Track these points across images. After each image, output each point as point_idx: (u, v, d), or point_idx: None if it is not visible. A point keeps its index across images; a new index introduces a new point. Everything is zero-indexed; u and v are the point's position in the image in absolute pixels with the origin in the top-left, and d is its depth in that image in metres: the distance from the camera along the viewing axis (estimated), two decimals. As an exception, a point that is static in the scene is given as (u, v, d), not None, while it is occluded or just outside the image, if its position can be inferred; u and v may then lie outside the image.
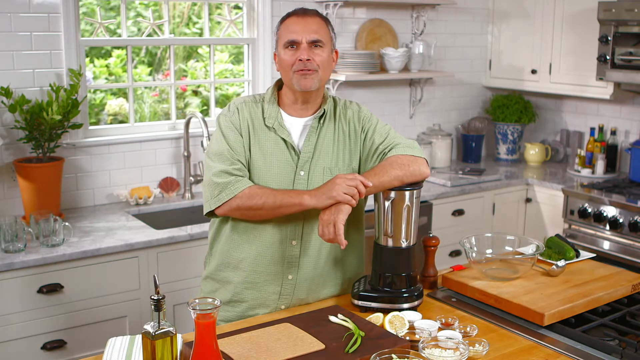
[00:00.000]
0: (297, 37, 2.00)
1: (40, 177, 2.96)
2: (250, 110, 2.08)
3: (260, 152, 2.04)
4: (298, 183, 2.04)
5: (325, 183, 1.95)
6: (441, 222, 3.78)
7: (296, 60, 2.00)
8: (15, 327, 2.61)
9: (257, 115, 2.07)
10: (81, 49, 3.22)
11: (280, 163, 2.04)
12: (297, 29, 2.00)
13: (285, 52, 2.02)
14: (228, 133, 2.04)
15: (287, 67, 2.01)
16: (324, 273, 2.11)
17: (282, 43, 2.02)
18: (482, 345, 1.74)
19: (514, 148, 4.60)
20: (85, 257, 2.71)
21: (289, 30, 2.01)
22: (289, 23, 2.03)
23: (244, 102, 2.10)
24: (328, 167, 2.07)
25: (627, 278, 2.17)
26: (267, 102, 2.09)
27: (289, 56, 2.01)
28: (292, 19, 2.03)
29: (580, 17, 4.02)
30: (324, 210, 1.91)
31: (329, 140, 2.09)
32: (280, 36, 2.04)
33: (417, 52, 4.06)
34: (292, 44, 2.00)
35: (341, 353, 1.67)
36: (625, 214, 3.54)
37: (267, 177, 2.03)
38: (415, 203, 2.00)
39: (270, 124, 2.06)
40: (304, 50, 2.00)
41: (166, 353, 1.51)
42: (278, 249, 2.04)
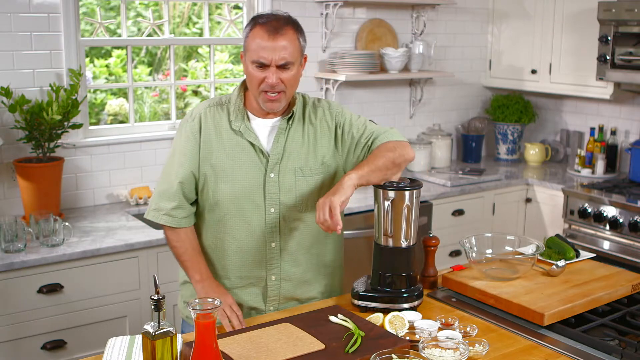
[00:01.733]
0: (266, 60, 1.93)
1: (40, 177, 2.96)
2: (215, 115, 2.05)
3: (227, 156, 2.02)
4: (269, 185, 2.02)
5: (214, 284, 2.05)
6: (441, 222, 3.78)
7: (264, 80, 1.95)
8: (15, 327, 2.61)
9: (222, 119, 2.05)
10: (81, 49, 3.22)
11: (248, 167, 2.02)
12: (267, 50, 1.92)
13: (252, 67, 1.96)
14: (185, 143, 2.05)
15: (255, 84, 1.97)
16: (306, 270, 2.12)
17: (250, 59, 1.95)
18: (482, 345, 1.74)
19: (514, 148, 4.60)
20: (85, 257, 2.71)
21: (258, 48, 1.93)
22: (259, 40, 1.94)
23: (209, 106, 2.07)
24: (299, 167, 2.05)
25: (627, 278, 2.17)
26: (233, 105, 2.05)
27: (256, 73, 1.96)
28: (263, 35, 1.94)
29: (580, 17, 4.02)
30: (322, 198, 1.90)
31: (298, 141, 2.07)
32: (248, 49, 1.97)
33: (417, 52, 4.06)
34: (260, 64, 1.94)
35: (341, 353, 1.67)
36: (625, 214, 3.54)
37: (236, 182, 2.01)
38: (415, 203, 2.00)
39: (236, 128, 2.03)
40: (272, 73, 1.94)
41: (166, 353, 1.51)
42: (258, 252, 2.05)
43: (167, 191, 2.05)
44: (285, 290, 2.10)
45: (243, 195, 2.02)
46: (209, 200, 2.05)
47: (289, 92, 2.00)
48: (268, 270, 2.07)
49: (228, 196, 2.02)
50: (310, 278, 2.14)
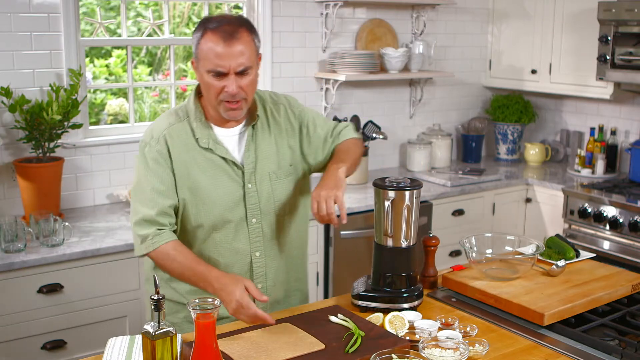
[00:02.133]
0: (224, 69, 1.84)
1: (40, 177, 2.96)
2: (179, 133, 1.94)
3: (202, 173, 1.95)
4: (249, 196, 2.00)
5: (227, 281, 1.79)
6: (441, 222, 3.78)
7: (223, 90, 1.86)
8: (15, 327, 2.61)
9: (187, 136, 1.95)
10: (81, 49, 3.22)
11: (226, 181, 1.96)
12: (224, 58, 1.83)
13: (209, 77, 1.86)
14: (155, 167, 1.92)
15: (213, 94, 1.88)
16: (289, 273, 2.14)
17: (206, 68, 1.85)
18: (482, 345, 1.74)
19: (514, 148, 4.60)
20: (85, 257, 2.71)
21: (213, 56, 1.83)
22: (214, 47, 1.83)
23: (170, 125, 1.95)
24: (272, 171, 2.02)
25: (627, 278, 2.17)
26: (195, 120, 1.95)
27: (214, 83, 1.86)
28: (217, 42, 1.83)
29: (580, 17, 4.02)
30: (317, 188, 1.89)
31: (267, 144, 2.03)
32: (201, 57, 1.86)
33: (417, 52, 4.06)
34: (217, 73, 1.85)
35: (341, 353, 1.67)
36: (625, 214, 3.54)
37: (217, 200, 1.96)
38: (415, 203, 2.00)
39: (205, 145, 1.94)
40: (231, 82, 1.85)
41: (166, 353, 1.51)
42: (244, 264, 2.03)
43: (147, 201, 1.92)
44: (272, 296, 2.09)
45: (225, 212, 1.97)
46: (191, 224, 1.98)
47: (249, 98, 1.92)
48: (255, 279, 2.05)
49: (211, 217, 1.96)
50: (293, 280, 2.16)
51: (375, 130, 3.91)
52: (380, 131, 3.92)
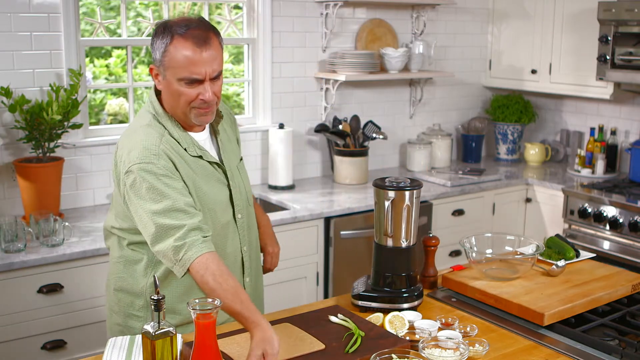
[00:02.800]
0: (200, 76, 1.79)
1: (40, 177, 2.96)
2: (172, 146, 1.86)
3: (201, 181, 1.92)
4: (235, 194, 2.01)
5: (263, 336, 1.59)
6: (441, 222, 3.77)
7: (197, 97, 1.81)
8: (15, 327, 2.61)
9: (177, 148, 1.88)
10: (81, 49, 3.22)
11: (217, 185, 1.96)
12: (198, 64, 1.77)
13: (180, 85, 1.80)
14: (170, 182, 1.79)
15: (184, 102, 1.82)
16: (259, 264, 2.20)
17: (177, 77, 1.79)
18: (482, 345, 1.74)
19: (514, 148, 4.60)
20: (85, 257, 2.71)
21: (188, 64, 1.76)
22: (187, 54, 1.77)
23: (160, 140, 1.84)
24: (237, 164, 2.07)
25: (627, 278, 2.17)
26: (173, 129, 1.89)
27: (187, 91, 1.80)
28: (190, 48, 1.77)
29: (580, 17, 4.02)
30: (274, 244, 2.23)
31: (227, 139, 2.07)
32: (172, 65, 1.78)
33: (417, 52, 4.06)
34: (192, 81, 1.79)
35: (341, 353, 1.67)
36: (625, 214, 3.54)
37: (216, 202, 1.95)
38: (415, 203, 2.00)
39: (194, 153, 1.90)
40: (206, 90, 1.81)
41: (166, 353, 1.51)
42: (237, 260, 2.05)
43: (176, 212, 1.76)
44: (254, 289, 2.13)
45: (222, 214, 1.98)
46: None
47: (219, 101, 1.90)
48: (245, 274, 2.08)
49: (214, 222, 1.97)
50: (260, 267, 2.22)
51: (375, 130, 3.91)
52: (380, 131, 3.92)
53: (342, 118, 3.93)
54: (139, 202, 1.79)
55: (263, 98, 3.77)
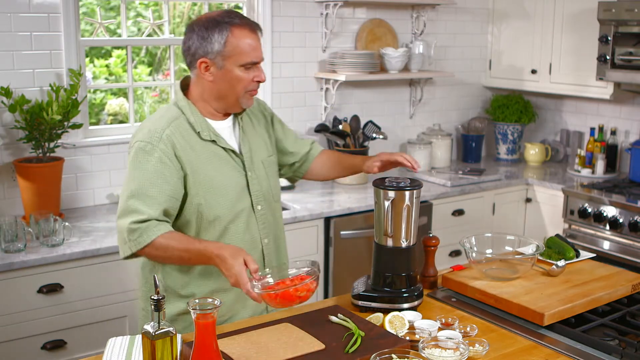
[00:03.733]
0: (258, 59, 1.95)
1: (40, 177, 2.96)
2: (181, 130, 1.95)
3: (209, 165, 1.97)
4: (252, 184, 2.05)
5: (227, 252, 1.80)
6: (441, 222, 3.78)
7: (252, 81, 1.96)
8: (15, 327, 2.61)
9: (188, 132, 1.96)
10: (81, 49, 3.22)
11: (230, 171, 2.01)
12: (257, 49, 1.93)
13: (241, 70, 1.93)
14: (160, 167, 1.89)
15: (243, 86, 1.95)
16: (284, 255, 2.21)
17: (240, 63, 1.92)
18: (482, 345, 1.74)
19: (514, 148, 4.60)
20: (85, 257, 2.71)
21: (250, 49, 1.92)
22: (246, 40, 1.92)
23: (168, 125, 1.94)
24: (264, 159, 2.12)
25: (627, 278, 2.17)
26: (191, 115, 1.98)
27: (246, 75, 1.94)
28: (247, 34, 1.92)
29: (580, 17, 4.02)
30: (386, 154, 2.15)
31: (254, 134, 2.12)
32: (234, 53, 1.91)
33: (417, 52, 4.06)
34: (252, 64, 1.94)
35: (341, 353, 1.67)
36: (625, 214, 3.54)
37: (225, 187, 1.99)
38: (415, 203, 2.00)
39: (207, 138, 1.98)
40: (260, 70, 1.97)
41: (166, 353, 1.51)
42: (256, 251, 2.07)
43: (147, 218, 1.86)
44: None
45: (235, 201, 2.01)
46: (208, 219, 1.98)
47: None
48: (265, 266, 2.10)
49: (225, 207, 1.99)
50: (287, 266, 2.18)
51: (375, 130, 3.91)
52: (380, 131, 3.92)
53: (342, 118, 3.93)
54: (127, 175, 1.93)
55: (263, 98, 3.78)
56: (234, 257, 1.79)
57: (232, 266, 1.77)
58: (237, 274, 1.76)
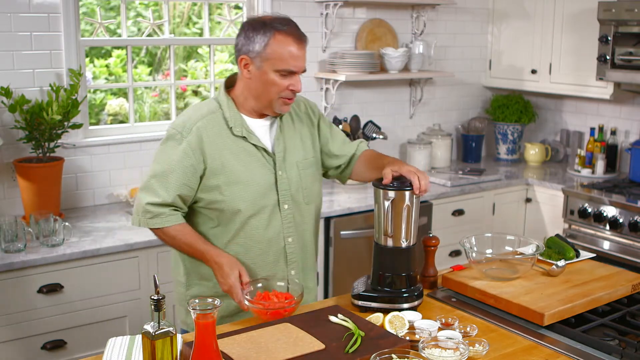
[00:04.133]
0: (297, 69, 1.98)
1: (40, 177, 2.96)
2: (213, 124, 2.02)
3: (235, 159, 2.02)
4: (281, 183, 2.08)
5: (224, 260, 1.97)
6: (441, 222, 3.78)
7: (287, 88, 1.99)
8: (15, 327, 2.61)
9: (221, 127, 2.02)
10: (81, 49, 3.22)
11: (258, 168, 2.04)
12: (298, 59, 1.97)
13: (276, 75, 1.97)
14: (182, 158, 1.98)
15: (276, 91, 1.99)
16: (313, 260, 2.23)
17: (275, 68, 1.96)
18: (482, 345, 1.74)
19: (514, 148, 4.60)
20: (85, 257, 2.71)
21: (288, 57, 1.96)
22: (288, 47, 1.96)
23: (202, 117, 2.02)
24: (299, 161, 2.13)
25: (627, 278, 2.17)
26: (227, 110, 2.04)
27: (281, 81, 1.98)
28: (292, 44, 1.96)
29: (580, 17, 4.02)
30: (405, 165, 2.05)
31: (293, 135, 2.14)
32: (273, 57, 1.96)
33: (417, 52, 4.06)
34: (289, 72, 1.98)
35: (341, 353, 1.67)
36: (625, 214, 3.54)
37: (249, 181, 2.02)
38: (415, 203, 2.00)
39: (238, 133, 2.03)
40: (297, 81, 2.00)
41: (166, 353, 1.51)
42: (279, 250, 2.09)
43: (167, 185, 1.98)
44: (304, 281, 2.17)
45: (259, 196, 2.04)
46: (229, 211, 2.02)
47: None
48: (288, 265, 2.12)
49: (247, 201, 2.02)
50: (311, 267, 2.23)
51: (375, 130, 3.91)
52: (380, 131, 3.92)
53: (342, 118, 3.93)
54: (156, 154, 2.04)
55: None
56: (231, 267, 1.95)
57: (228, 275, 1.94)
58: (232, 285, 1.93)
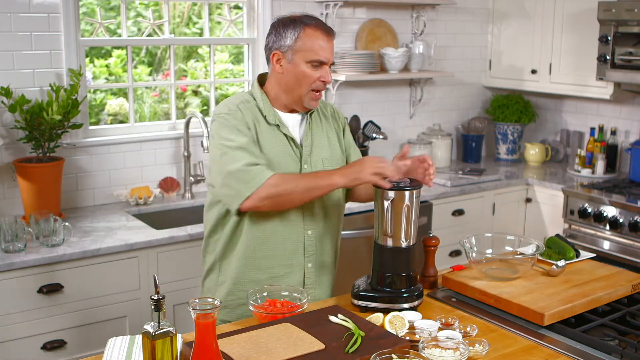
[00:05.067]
0: (326, 59, 2.07)
1: (40, 177, 2.96)
2: (251, 109, 2.10)
3: (268, 144, 2.09)
4: None
5: (352, 163, 2.07)
6: (441, 222, 3.77)
7: (318, 80, 2.07)
8: (15, 327, 2.61)
9: (256, 113, 2.10)
10: (81, 49, 3.22)
11: (285, 158, 2.10)
12: (326, 50, 2.06)
13: (307, 67, 2.06)
14: (242, 128, 2.05)
15: (307, 83, 2.07)
16: (331, 257, 2.24)
17: (307, 59, 2.05)
18: (482, 345, 1.74)
19: (514, 148, 4.60)
20: (85, 257, 2.71)
21: (319, 48, 2.05)
22: (317, 40, 2.05)
23: (241, 102, 2.11)
24: (325, 158, 2.17)
25: (627, 278, 2.17)
26: (261, 101, 2.12)
27: (312, 72, 2.06)
28: (320, 36, 2.06)
29: (580, 17, 4.02)
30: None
31: (320, 134, 2.20)
32: (304, 49, 2.05)
33: (417, 52, 4.06)
34: (319, 63, 2.06)
35: (341, 353, 1.67)
36: (625, 214, 3.54)
37: (277, 168, 2.08)
38: (415, 203, 2.00)
39: (272, 121, 2.10)
40: (327, 72, 2.08)
41: (166, 353, 1.51)
42: (298, 240, 2.13)
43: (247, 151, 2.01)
44: (319, 277, 2.19)
45: None
46: None
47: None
48: (306, 257, 2.15)
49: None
50: (332, 265, 2.25)
51: (375, 130, 3.91)
52: (380, 131, 3.92)
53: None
54: (216, 137, 2.05)
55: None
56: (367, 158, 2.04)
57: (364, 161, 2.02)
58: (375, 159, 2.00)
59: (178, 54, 4.52)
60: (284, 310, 1.90)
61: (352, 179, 2.00)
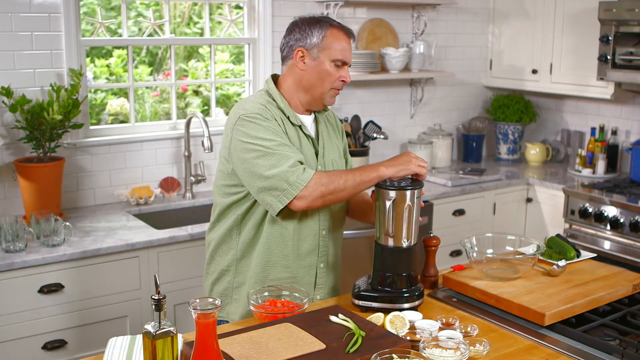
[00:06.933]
0: (347, 60, 2.13)
1: (41, 177, 2.96)
2: (273, 110, 2.11)
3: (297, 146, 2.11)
4: None
5: (396, 157, 2.07)
6: (442, 222, 3.77)
7: (339, 79, 2.12)
8: (16, 327, 2.62)
9: (279, 114, 2.12)
10: (82, 48, 3.22)
11: (308, 157, 2.13)
12: (348, 51, 2.12)
13: (331, 65, 2.10)
14: (276, 128, 2.05)
15: (329, 81, 2.11)
16: (339, 257, 2.28)
17: (332, 58, 2.09)
18: (483, 345, 1.74)
19: (515, 148, 4.60)
20: (86, 257, 2.71)
21: (342, 49, 2.10)
22: (341, 41, 2.10)
23: (267, 102, 2.10)
24: (334, 160, 2.21)
25: (628, 278, 2.17)
26: (280, 102, 2.13)
27: (334, 71, 2.11)
28: (344, 38, 2.11)
29: (581, 17, 4.02)
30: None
31: (329, 137, 2.25)
32: (328, 48, 2.09)
33: (417, 52, 4.06)
34: (342, 63, 2.11)
35: (342, 353, 1.67)
36: (625, 213, 3.54)
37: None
38: (416, 203, 2.00)
39: (295, 122, 2.13)
40: (347, 72, 2.14)
41: (167, 353, 1.51)
42: (313, 240, 2.15)
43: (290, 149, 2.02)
44: (330, 277, 2.22)
45: None
46: None
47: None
48: (319, 257, 2.17)
49: None
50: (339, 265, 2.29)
51: (375, 130, 3.91)
52: (380, 131, 3.92)
53: (343, 118, 3.93)
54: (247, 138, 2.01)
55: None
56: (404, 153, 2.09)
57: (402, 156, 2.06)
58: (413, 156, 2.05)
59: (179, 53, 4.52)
60: (285, 310, 1.90)
61: (399, 170, 2.01)
